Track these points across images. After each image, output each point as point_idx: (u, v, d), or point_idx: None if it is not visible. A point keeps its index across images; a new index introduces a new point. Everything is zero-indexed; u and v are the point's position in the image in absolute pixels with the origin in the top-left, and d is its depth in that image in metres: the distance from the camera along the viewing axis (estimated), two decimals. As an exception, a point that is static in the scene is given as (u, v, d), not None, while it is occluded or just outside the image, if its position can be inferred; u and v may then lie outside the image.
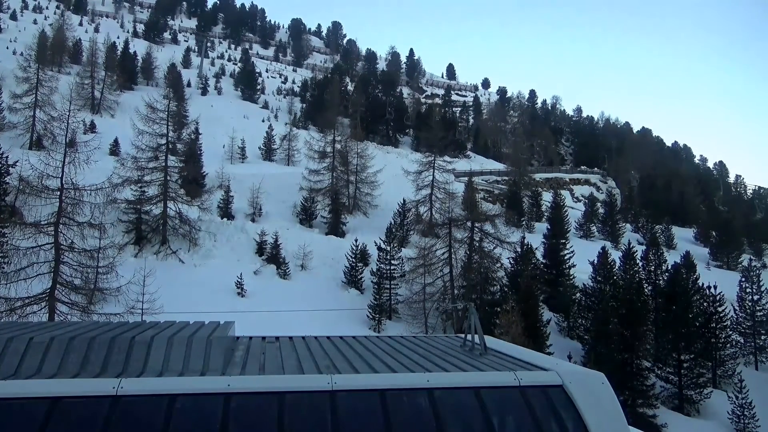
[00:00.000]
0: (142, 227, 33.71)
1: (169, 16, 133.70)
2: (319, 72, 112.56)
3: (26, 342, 5.90)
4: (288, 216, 41.86)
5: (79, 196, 23.89)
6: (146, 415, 4.89)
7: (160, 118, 36.38)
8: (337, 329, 18.47)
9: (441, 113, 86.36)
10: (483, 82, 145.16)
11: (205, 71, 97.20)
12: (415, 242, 38.01)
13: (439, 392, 5.42)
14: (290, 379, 5.48)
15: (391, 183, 47.50)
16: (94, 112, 61.81)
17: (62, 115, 27.52)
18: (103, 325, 7.86)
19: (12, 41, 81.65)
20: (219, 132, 57.48)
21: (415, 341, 8.15)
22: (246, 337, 7.96)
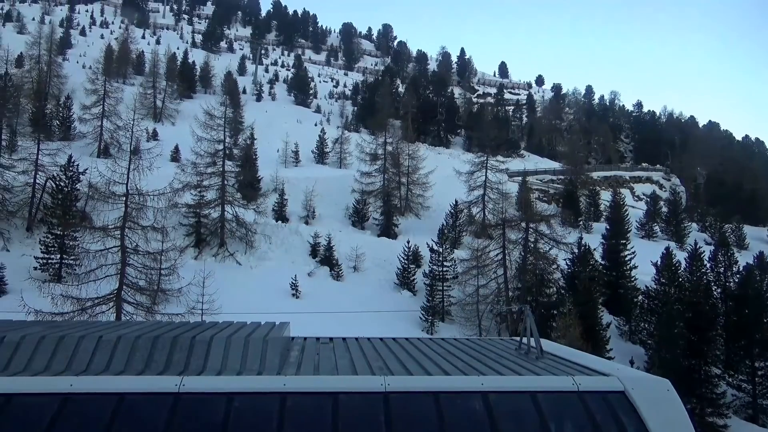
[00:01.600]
0: (202, 230, 34.92)
1: (225, 26, 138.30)
2: (370, 75, 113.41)
3: (96, 340, 6.21)
4: (340, 218, 42.33)
5: (143, 201, 25.03)
6: (206, 413, 5.02)
7: (217, 125, 37.62)
8: (390, 331, 18.49)
9: (493, 112, 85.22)
10: (537, 79, 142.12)
11: (259, 78, 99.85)
12: (468, 243, 37.59)
13: (494, 396, 5.30)
14: (344, 380, 5.50)
15: (442, 184, 47.20)
16: (156, 121, 64.65)
17: (127, 124, 28.98)
18: (165, 325, 8.17)
19: (81, 56, 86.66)
20: (273, 137, 58.86)
21: (468, 344, 8.04)
22: (301, 337, 8.08)
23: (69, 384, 5.04)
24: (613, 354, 26.24)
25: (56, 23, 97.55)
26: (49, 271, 27.93)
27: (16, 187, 32.53)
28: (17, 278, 25.64)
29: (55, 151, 34.49)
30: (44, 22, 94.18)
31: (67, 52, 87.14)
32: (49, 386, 5.03)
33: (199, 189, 35.63)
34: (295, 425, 4.98)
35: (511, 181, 52.42)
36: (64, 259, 28.13)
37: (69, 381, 5.10)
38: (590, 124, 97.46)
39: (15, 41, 78.90)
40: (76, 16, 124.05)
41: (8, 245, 30.18)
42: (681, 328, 26.58)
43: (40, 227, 31.36)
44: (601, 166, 79.54)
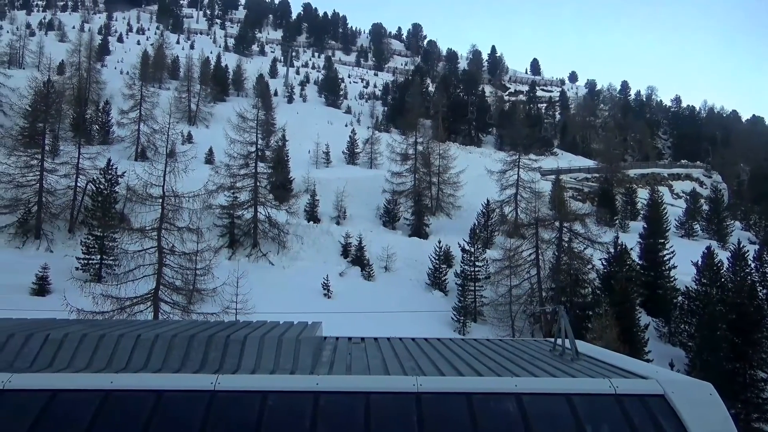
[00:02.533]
0: (235, 231, 35.49)
1: (257, 29, 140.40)
2: (400, 75, 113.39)
3: (134, 339, 6.37)
4: (371, 218, 42.44)
5: (179, 202, 25.61)
6: (241, 411, 5.09)
7: (250, 127, 38.21)
8: (422, 331, 18.46)
9: (525, 110, 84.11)
10: (570, 75, 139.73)
11: (290, 80, 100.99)
12: (500, 243, 37.19)
13: (527, 397, 5.23)
14: (376, 380, 5.50)
15: (474, 183, 46.81)
16: (190, 124, 66.05)
17: (163, 128, 29.75)
18: (201, 324, 8.33)
19: (119, 62, 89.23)
20: (304, 138, 59.41)
21: (501, 344, 7.94)
22: (333, 337, 8.12)
23: (109, 381, 5.18)
24: (651, 356, 25.58)
25: (95, 31, 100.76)
26: (90, 272, 28.82)
27: (59, 190, 33.70)
28: (60, 278, 26.58)
29: (95, 154, 35.59)
30: (84, 30, 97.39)
31: (105, 58, 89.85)
32: (91, 383, 5.19)
33: (233, 190, 36.23)
34: (327, 424, 5.01)
35: (544, 179, 51.64)
36: (104, 260, 29.00)
37: (109, 378, 5.25)
38: (626, 120, 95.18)
39: (57, 49, 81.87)
40: (113, 24, 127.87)
41: (51, 246, 31.29)
42: (724, 330, 25.70)
43: (81, 229, 32.43)
44: (638, 163, 77.59)
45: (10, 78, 53.21)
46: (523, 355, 6.94)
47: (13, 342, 6.21)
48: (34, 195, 32.41)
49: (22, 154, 33.34)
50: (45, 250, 30.88)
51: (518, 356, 6.89)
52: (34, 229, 31.80)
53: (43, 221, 32.24)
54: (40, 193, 32.44)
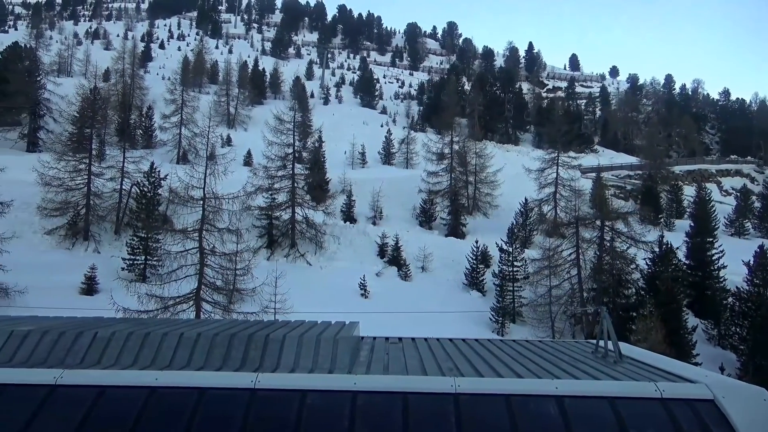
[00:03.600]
0: (273, 232, 36.03)
1: (293, 32, 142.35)
2: (435, 74, 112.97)
3: (178, 337, 6.54)
4: (408, 218, 42.39)
5: (219, 204, 26.20)
6: (280, 409, 5.15)
7: (287, 129, 38.74)
8: (459, 331, 18.31)
9: (564, 107, 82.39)
10: (611, 70, 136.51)
11: (326, 81, 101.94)
12: (539, 243, 36.57)
13: (568, 400, 5.11)
14: (414, 380, 5.48)
15: (511, 182, 46.20)
16: (229, 127, 67.46)
17: (203, 131, 30.48)
18: (241, 323, 8.47)
19: (161, 68, 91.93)
20: (340, 139, 59.86)
21: (541, 346, 7.81)
22: (370, 337, 8.14)
23: (154, 378, 5.33)
24: (700, 359, 24.68)
25: (138, 38, 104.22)
26: (135, 272, 29.75)
27: (105, 193, 34.93)
28: (107, 278, 27.55)
29: (139, 158, 36.74)
30: (127, 38, 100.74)
31: (148, 65, 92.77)
32: (137, 380, 5.35)
33: (271, 192, 36.79)
34: (365, 423, 5.02)
35: (585, 177, 50.52)
36: (148, 260, 29.86)
37: (154, 375, 5.40)
38: (671, 115, 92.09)
39: (102, 57, 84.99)
40: (155, 31, 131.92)
41: (99, 247, 32.46)
42: (777, 333, 24.58)
43: (127, 230, 33.51)
44: (684, 159, 75.02)
45: (60, 86, 55.47)
46: (564, 357, 6.80)
47: (64, 339, 6.46)
48: (83, 198, 33.67)
49: (71, 158, 34.68)
50: (93, 251, 32.03)
51: (559, 358, 6.76)
52: (83, 230, 33.05)
53: (90, 223, 33.46)
54: (88, 196, 33.68)
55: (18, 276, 25.33)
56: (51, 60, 73.00)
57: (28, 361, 6.11)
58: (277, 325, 8.09)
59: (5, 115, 50.62)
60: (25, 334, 6.50)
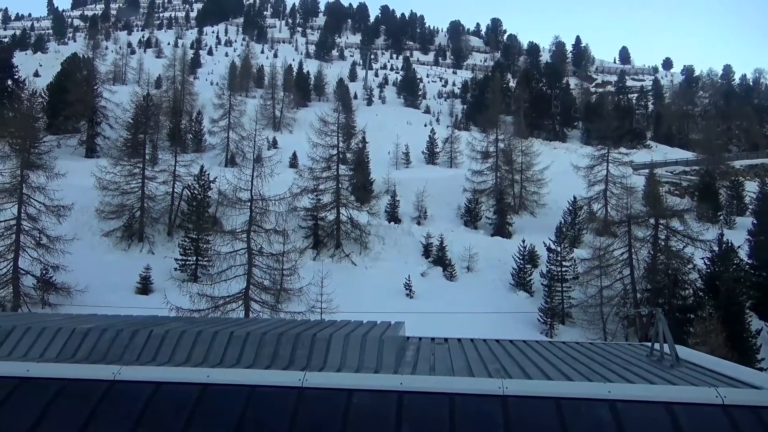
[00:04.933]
0: (319, 232, 36.48)
1: (336, 35, 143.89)
2: (479, 71, 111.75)
3: (228, 336, 6.71)
4: (452, 218, 42.08)
5: (266, 205, 26.79)
6: (327, 408, 5.19)
7: (331, 131, 39.16)
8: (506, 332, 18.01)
9: (614, 101, 79.99)
10: (664, 62, 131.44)
11: (369, 82, 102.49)
12: (589, 242, 35.58)
13: (622, 405, 4.93)
14: (460, 381, 5.43)
15: (559, 180, 45.15)
16: (275, 130, 68.76)
17: (250, 135, 31.24)
18: (288, 323, 8.62)
19: (209, 74, 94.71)
20: (384, 139, 59.99)
21: (592, 348, 7.59)
22: (416, 337, 8.13)
23: (206, 375, 5.47)
24: (765, 364, 23.43)
25: (188, 46, 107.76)
26: (187, 272, 30.73)
27: (158, 196, 36.24)
28: (161, 278, 28.60)
29: (189, 162, 37.93)
30: (177, 45, 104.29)
31: (197, 71, 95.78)
32: (190, 376, 5.51)
33: (316, 193, 37.26)
34: (411, 424, 5.00)
35: (637, 174, 48.83)
36: (199, 261, 30.79)
37: (206, 372, 5.55)
38: (730, 107, 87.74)
39: (154, 65, 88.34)
40: (204, 38, 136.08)
41: (153, 248, 33.71)
42: None
43: (179, 232, 34.66)
44: (745, 153, 71.26)
45: (115, 94, 57.94)
46: (617, 360, 6.59)
47: (122, 337, 6.73)
48: (137, 201, 35.04)
49: (126, 163, 36.15)
50: (147, 252, 33.28)
51: (611, 360, 6.56)
52: (138, 232, 34.40)
53: (145, 225, 34.79)
54: (143, 199, 35.03)
55: (79, 276, 26.64)
56: (107, 69, 76.38)
57: (89, 357, 6.40)
58: (323, 325, 8.18)
59: (66, 123, 53.30)
60: (86, 331, 6.81)
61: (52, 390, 5.30)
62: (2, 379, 5.45)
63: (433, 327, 13.11)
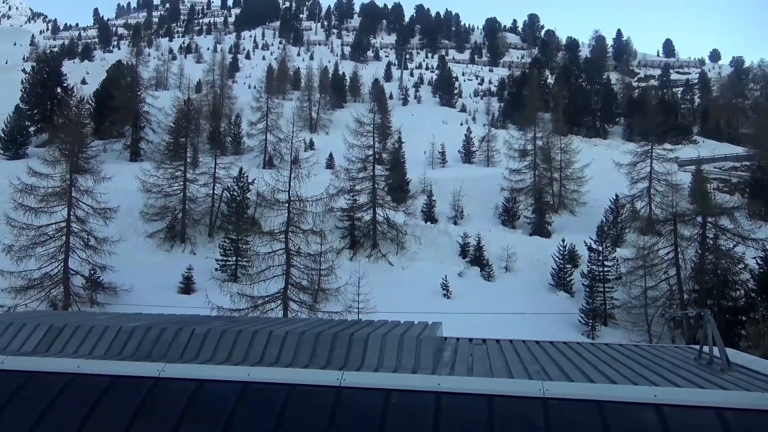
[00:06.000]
0: (356, 233, 36.65)
1: (371, 35, 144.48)
2: (516, 69, 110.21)
3: (267, 335, 6.81)
4: (490, 217, 41.63)
5: (303, 206, 27.11)
6: (365, 407, 5.21)
7: (367, 131, 39.30)
8: (546, 334, 17.72)
9: (658, 96, 77.53)
10: (711, 54, 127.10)
11: (404, 82, 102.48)
12: (632, 241, 34.59)
13: (669, 409, 4.77)
14: (499, 383, 5.36)
15: (600, 178, 44.10)
16: (312, 131, 69.55)
17: (287, 137, 31.68)
18: (326, 322, 8.69)
19: (247, 77, 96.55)
20: (420, 139, 59.91)
21: (636, 350, 7.37)
22: (453, 337, 8.07)
23: (247, 373, 5.58)
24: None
25: (226, 50, 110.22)
26: (227, 272, 31.36)
27: (199, 198, 37.11)
28: (202, 278, 29.28)
29: (229, 164, 38.70)
30: (216, 50, 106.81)
31: (235, 75, 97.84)
32: (231, 374, 5.62)
33: (352, 193, 37.46)
34: (450, 425, 4.96)
35: (682, 170, 47.24)
36: (239, 261, 31.36)
37: (247, 371, 5.65)
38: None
39: (194, 70, 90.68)
40: (241, 42, 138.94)
41: (194, 249, 34.56)
42: None
43: (219, 233, 35.41)
44: (799, 147, 67.92)
45: (157, 99, 59.69)
46: (663, 363, 6.38)
47: (166, 335, 6.92)
48: (179, 203, 35.98)
49: (169, 166, 37.17)
50: (189, 253, 34.13)
51: (657, 363, 6.36)
52: (180, 233, 35.31)
53: (187, 226, 35.68)
54: (184, 201, 35.95)
55: (124, 276, 27.56)
56: (149, 75, 78.67)
57: (135, 354, 6.61)
58: (360, 325, 8.21)
59: (111, 128, 55.25)
60: (132, 330, 7.04)
61: (101, 386, 5.49)
62: (55, 375, 5.69)
63: (470, 328, 13.00)
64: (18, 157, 48.57)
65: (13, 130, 51.39)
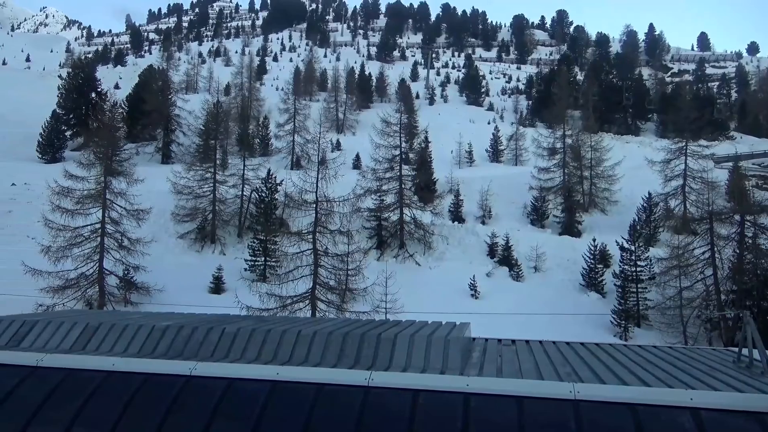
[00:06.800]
0: (383, 233, 36.66)
1: (397, 35, 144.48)
2: (545, 66, 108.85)
3: (296, 334, 6.87)
4: (518, 217, 41.15)
5: (330, 207, 27.23)
6: (393, 407, 5.20)
7: (393, 131, 39.29)
8: (576, 335, 17.40)
9: (692, 91, 75.47)
10: (749, 47, 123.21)
11: (431, 81, 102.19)
12: (666, 240, 33.73)
13: (706, 413, 4.65)
14: (529, 384, 5.30)
15: (632, 176, 43.15)
16: (338, 132, 69.90)
17: (314, 138, 31.88)
18: (353, 322, 8.72)
19: (275, 80, 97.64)
20: (447, 138, 59.62)
21: (671, 353, 7.19)
22: (482, 338, 8.00)
23: (276, 372, 5.63)
24: None
25: (254, 53, 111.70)
26: (256, 272, 31.73)
27: (228, 199, 37.65)
28: (232, 278, 29.69)
29: (257, 165, 39.15)
30: (244, 53, 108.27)
31: (263, 77, 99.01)
32: (261, 373, 5.69)
33: (379, 193, 37.48)
34: (479, 426, 4.92)
35: (719, 167, 45.85)
36: (267, 261, 31.69)
37: (276, 370, 5.71)
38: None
39: (223, 73, 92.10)
40: (269, 45, 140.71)
41: (224, 250, 35.07)
42: None
43: (248, 233, 35.86)
44: (843, 142, 65.38)
45: (187, 102, 60.75)
46: (699, 366, 6.21)
47: (197, 334, 7.04)
48: (209, 204, 36.56)
49: (199, 168, 37.79)
50: (219, 253, 34.66)
51: (693, 366, 6.19)
52: (210, 234, 35.88)
53: (216, 227, 36.23)
54: (214, 203, 36.51)
55: (157, 276, 28.14)
56: (180, 79, 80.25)
57: (167, 353, 6.74)
58: (388, 325, 8.21)
59: (143, 132, 56.54)
60: (164, 328, 7.18)
61: (135, 383, 5.62)
62: (91, 372, 5.85)
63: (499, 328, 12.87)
64: (55, 160, 50.11)
65: (51, 135, 53.07)
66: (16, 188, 39.15)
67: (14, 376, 5.84)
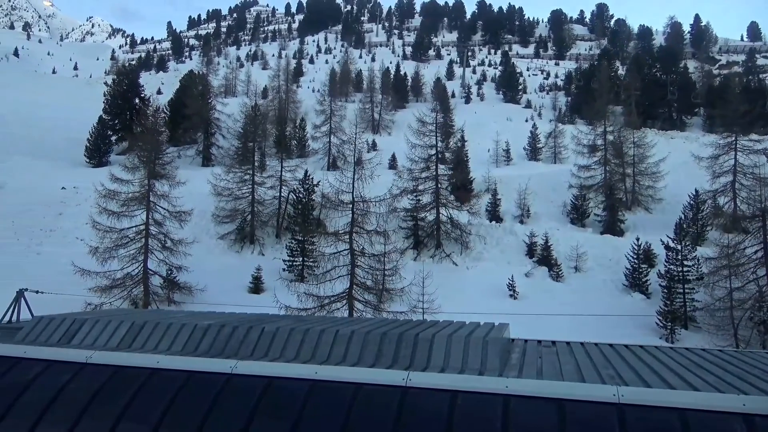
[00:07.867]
0: (419, 233, 36.58)
1: (433, 34, 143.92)
2: (584, 61, 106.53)
3: (334, 334, 6.91)
4: (557, 216, 40.38)
5: (367, 207, 27.33)
6: (431, 408, 5.18)
7: (429, 131, 39.14)
8: (620, 336, 16.93)
9: (742, 83, 72.39)
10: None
11: (467, 80, 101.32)
12: (715, 239, 32.43)
13: (760, 420, 4.45)
14: (571, 387, 5.18)
15: (678, 172, 41.74)
16: (374, 132, 70.10)
17: (350, 138, 32.01)
18: (391, 322, 8.72)
19: (311, 81, 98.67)
20: (483, 137, 59.05)
21: (722, 356, 6.92)
22: (521, 339, 7.89)
23: (314, 371, 5.69)
24: None
25: (290, 56, 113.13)
26: (294, 272, 32.15)
27: (267, 201, 38.30)
28: (271, 278, 30.17)
29: (294, 167, 39.69)
30: (281, 56, 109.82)
31: (299, 79, 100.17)
32: (300, 372, 5.75)
33: (415, 193, 37.40)
34: (518, 428, 4.85)
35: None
36: (305, 262, 32.08)
37: (314, 369, 5.76)
38: None
39: (260, 76, 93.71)
40: (305, 47, 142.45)
41: (263, 250, 35.68)
42: None
43: (286, 234, 36.39)
44: None
45: (226, 105, 62.17)
46: (752, 370, 5.95)
47: (238, 333, 7.18)
48: (248, 205, 37.26)
49: (238, 170, 38.57)
50: (258, 254, 35.29)
51: (745, 370, 5.94)
52: (249, 235, 36.57)
53: (255, 228, 36.91)
54: (253, 204, 37.20)
55: (198, 276, 28.85)
56: (219, 83, 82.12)
57: (209, 351, 6.89)
58: (425, 325, 8.17)
59: (185, 135, 58.08)
60: (206, 327, 7.35)
61: (179, 380, 5.77)
62: (137, 369, 6.04)
63: (539, 329, 12.66)
64: (102, 164, 52.01)
65: (97, 140, 55.14)
66: (66, 192, 40.86)
67: (66, 372, 6.09)
